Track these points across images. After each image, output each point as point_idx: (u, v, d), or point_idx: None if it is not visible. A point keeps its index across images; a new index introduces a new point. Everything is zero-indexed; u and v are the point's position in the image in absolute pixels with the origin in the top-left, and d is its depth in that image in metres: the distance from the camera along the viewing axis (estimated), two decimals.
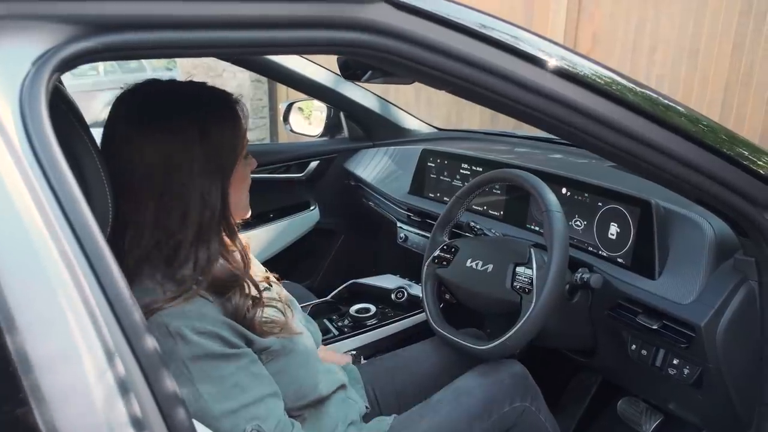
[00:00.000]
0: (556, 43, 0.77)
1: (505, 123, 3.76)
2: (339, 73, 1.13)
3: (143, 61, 7.70)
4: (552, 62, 0.74)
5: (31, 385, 0.45)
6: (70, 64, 0.54)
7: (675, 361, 1.11)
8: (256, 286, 0.92)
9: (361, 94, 2.03)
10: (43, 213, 0.48)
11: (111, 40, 0.56)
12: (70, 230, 0.49)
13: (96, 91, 6.74)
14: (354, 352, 1.30)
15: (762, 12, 2.84)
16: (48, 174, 0.49)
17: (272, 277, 1.08)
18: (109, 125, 0.84)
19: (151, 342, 0.51)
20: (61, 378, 0.46)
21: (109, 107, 0.86)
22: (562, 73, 0.74)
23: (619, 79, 0.80)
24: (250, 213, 0.97)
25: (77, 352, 0.47)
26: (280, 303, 0.98)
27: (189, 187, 0.83)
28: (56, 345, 0.46)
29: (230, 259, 0.90)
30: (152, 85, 0.87)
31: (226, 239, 0.91)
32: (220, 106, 0.88)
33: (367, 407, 1.16)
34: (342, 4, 0.64)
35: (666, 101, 0.82)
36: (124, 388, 0.49)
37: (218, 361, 0.81)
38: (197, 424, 0.66)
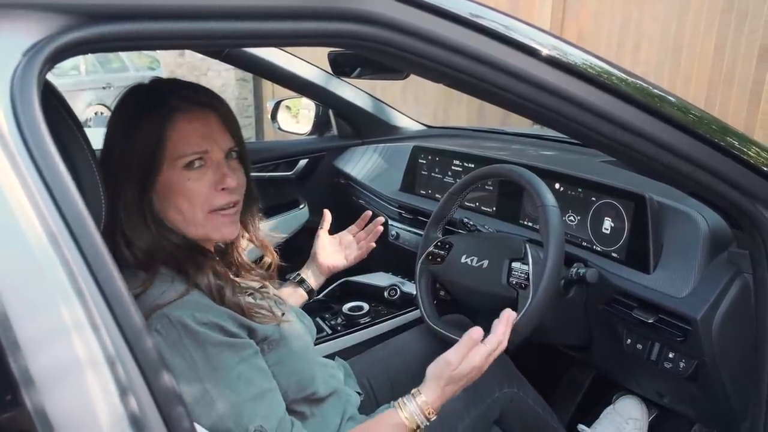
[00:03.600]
0: (551, 34, 0.76)
1: (493, 119, 3.78)
2: (327, 69, 1.12)
3: (126, 60, 7.61)
4: (549, 53, 0.73)
5: (27, 383, 0.44)
6: (62, 55, 0.52)
7: (670, 355, 1.11)
8: (220, 263, 0.93)
9: (350, 91, 2.02)
10: (36, 207, 0.46)
11: (103, 31, 0.54)
12: (64, 224, 0.48)
13: (78, 90, 6.64)
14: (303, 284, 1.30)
15: (743, 11, 2.88)
16: (40, 167, 0.48)
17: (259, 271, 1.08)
18: None
19: (149, 340, 0.50)
20: (59, 379, 0.45)
21: (91, 107, 0.88)
22: (559, 64, 0.74)
23: (613, 70, 0.79)
24: (224, 238, 0.94)
25: (75, 353, 0.46)
26: (266, 291, 0.99)
27: (115, 181, 0.83)
28: (53, 344, 0.45)
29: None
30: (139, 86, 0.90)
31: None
32: (155, 104, 0.85)
33: (359, 393, 1.17)
34: None
35: (658, 91, 0.82)
36: (122, 388, 0.47)
37: (222, 351, 0.81)
38: (197, 426, 0.65)
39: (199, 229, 0.89)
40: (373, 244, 1.34)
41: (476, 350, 0.92)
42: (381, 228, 1.33)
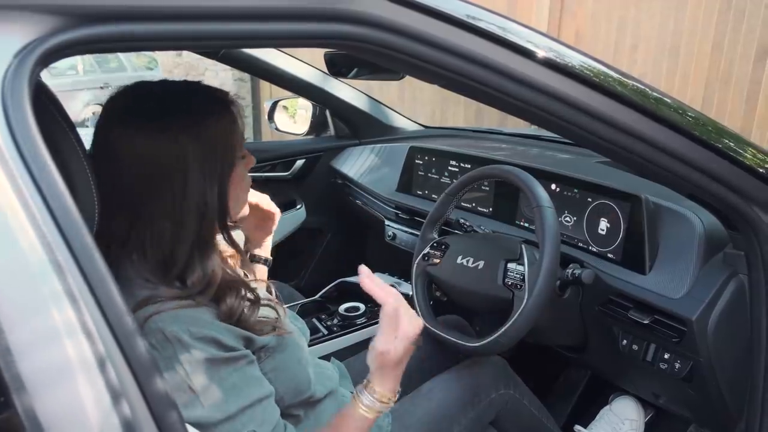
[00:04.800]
0: (547, 36, 0.76)
1: (490, 120, 3.78)
2: (324, 70, 1.12)
3: (123, 59, 7.59)
4: (545, 55, 0.73)
5: (18, 388, 0.43)
6: (53, 56, 0.52)
7: (666, 356, 1.11)
8: (251, 289, 0.90)
9: (347, 91, 2.01)
10: (27, 211, 0.46)
11: (96, 32, 0.54)
12: (56, 227, 0.47)
13: (75, 90, 6.62)
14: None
15: (740, 10, 2.88)
16: (32, 170, 0.47)
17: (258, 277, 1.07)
18: (101, 130, 0.81)
19: (142, 344, 0.50)
20: (50, 382, 0.44)
21: (89, 107, 0.83)
22: (555, 66, 0.73)
23: (610, 72, 0.79)
24: (248, 211, 0.96)
25: (67, 356, 0.45)
26: (272, 301, 0.97)
27: (186, 191, 0.80)
28: (45, 348, 0.45)
29: (226, 264, 0.89)
30: (143, 85, 0.84)
31: (222, 243, 0.89)
32: (215, 105, 0.85)
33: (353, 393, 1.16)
34: None
35: (655, 93, 0.82)
36: (115, 392, 0.47)
37: (217, 365, 0.80)
38: (191, 428, 0.64)
39: (243, 209, 0.94)
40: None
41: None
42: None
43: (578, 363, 1.58)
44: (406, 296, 1.65)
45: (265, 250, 1.27)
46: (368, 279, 0.87)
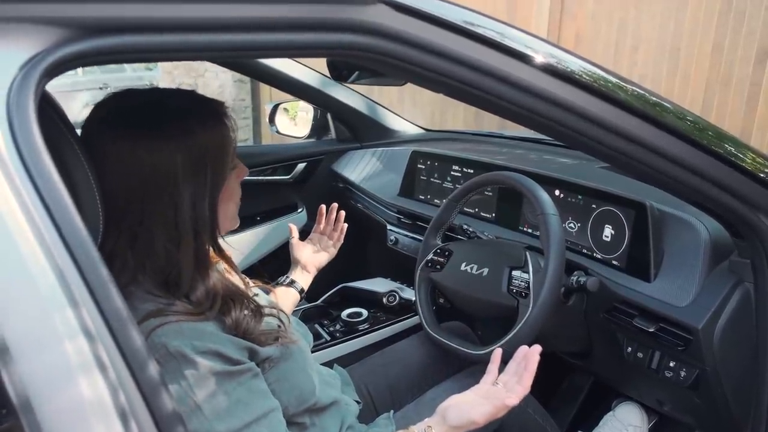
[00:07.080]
0: (549, 42, 0.76)
1: (490, 123, 3.77)
2: (325, 73, 1.12)
3: None
4: (547, 61, 0.73)
5: (24, 407, 0.43)
6: (59, 68, 0.52)
7: (671, 364, 1.11)
8: (251, 299, 0.89)
9: (348, 94, 2.01)
10: (33, 225, 0.46)
11: (101, 44, 0.53)
12: (61, 241, 0.47)
13: (75, 91, 6.61)
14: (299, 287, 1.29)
15: (741, 12, 2.88)
16: (37, 183, 0.47)
17: (255, 283, 1.06)
18: (86, 135, 0.77)
19: (148, 358, 0.49)
20: (54, 396, 0.44)
21: (88, 107, 0.80)
22: (557, 73, 0.73)
23: (610, 77, 0.79)
24: (238, 223, 0.93)
25: (72, 370, 0.45)
26: (275, 310, 0.96)
27: (178, 203, 0.77)
28: (51, 363, 0.44)
29: (224, 276, 0.88)
30: (133, 93, 0.81)
31: (213, 254, 0.88)
32: (209, 115, 0.82)
33: (358, 402, 1.16)
34: (339, 5, 0.63)
35: (655, 99, 0.81)
36: (121, 408, 0.46)
37: (221, 379, 0.79)
38: None
39: (232, 223, 0.90)
40: (345, 224, 1.39)
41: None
42: (342, 212, 1.37)
43: (582, 369, 1.57)
44: (409, 302, 1.66)
45: (305, 280, 1.30)
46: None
